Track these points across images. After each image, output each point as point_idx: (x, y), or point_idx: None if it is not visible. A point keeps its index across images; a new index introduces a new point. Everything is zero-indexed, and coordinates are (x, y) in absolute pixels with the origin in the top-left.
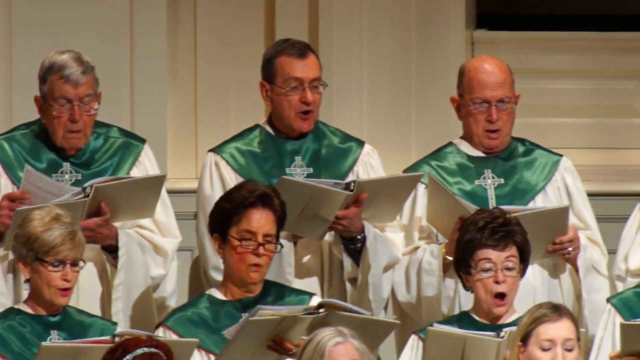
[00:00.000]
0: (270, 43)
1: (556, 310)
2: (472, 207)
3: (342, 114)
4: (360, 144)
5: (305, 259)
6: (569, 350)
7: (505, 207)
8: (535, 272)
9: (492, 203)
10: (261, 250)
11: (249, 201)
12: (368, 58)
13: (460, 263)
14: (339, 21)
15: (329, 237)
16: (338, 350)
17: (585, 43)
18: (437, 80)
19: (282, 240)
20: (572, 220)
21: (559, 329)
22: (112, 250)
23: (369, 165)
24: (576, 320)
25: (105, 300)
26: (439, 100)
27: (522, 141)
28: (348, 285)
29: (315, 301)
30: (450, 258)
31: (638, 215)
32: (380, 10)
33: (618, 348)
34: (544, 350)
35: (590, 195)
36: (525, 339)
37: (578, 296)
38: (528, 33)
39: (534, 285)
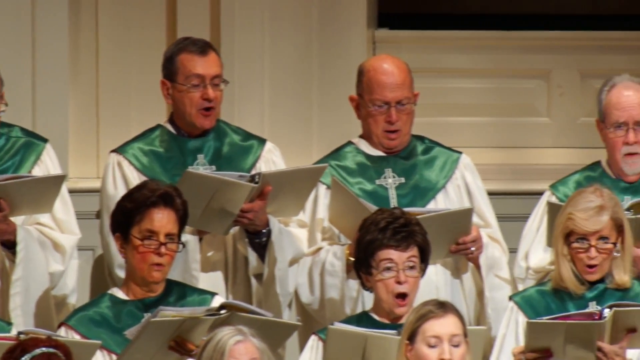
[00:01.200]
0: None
1: (441, 307)
2: (373, 208)
3: (243, 114)
4: (262, 141)
5: (210, 254)
6: (456, 345)
7: (409, 209)
8: (437, 271)
9: (393, 203)
10: (163, 249)
11: (150, 200)
12: (270, 57)
13: (361, 263)
14: (240, 21)
15: (233, 232)
16: (238, 349)
17: (486, 42)
18: (339, 80)
19: (187, 236)
20: (473, 218)
21: (444, 325)
22: (10, 246)
23: (272, 162)
24: (462, 316)
25: (5, 296)
26: (340, 99)
27: (422, 139)
28: (253, 281)
29: (217, 301)
30: (354, 259)
31: (539, 214)
32: (282, 9)
33: (520, 345)
34: (431, 346)
35: (491, 194)
36: (411, 336)
37: (480, 294)
38: (429, 32)
39: (437, 285)
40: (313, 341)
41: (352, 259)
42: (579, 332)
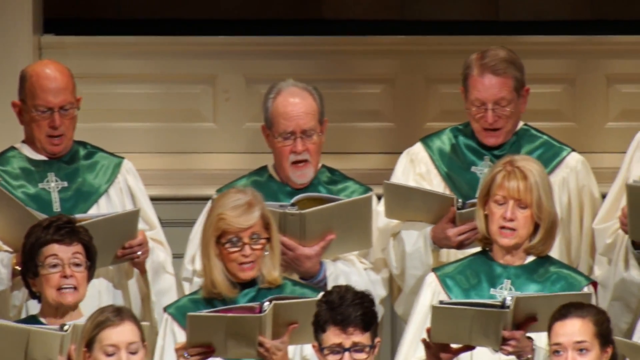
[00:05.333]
0: None
1: (118, 314)
2: (42, 216)
3: None
4: None
5: None
6: (133, 353)
7: (76, 216)
8: (100, 277)
9: (56, 206)
10: None
11: None
12: None
13: (28, 268)
14: None
15: None
16: None
17: (152, 47)
18: (5, 86)
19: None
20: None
21: (121, 334)
22: None
23: None
24: (139, 322)
25: None
26: (5, 105)
27: (84, 144)
28: None
29: None
30: (19, 268)
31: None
32: None
33: None
34: (109, 355)
35: (158, 199)
36: (89, 344)
37: (144, 300)
38: (95, 38)
39: (100, 290)
40: None
41: (18, 268)
42: (239, 327)
